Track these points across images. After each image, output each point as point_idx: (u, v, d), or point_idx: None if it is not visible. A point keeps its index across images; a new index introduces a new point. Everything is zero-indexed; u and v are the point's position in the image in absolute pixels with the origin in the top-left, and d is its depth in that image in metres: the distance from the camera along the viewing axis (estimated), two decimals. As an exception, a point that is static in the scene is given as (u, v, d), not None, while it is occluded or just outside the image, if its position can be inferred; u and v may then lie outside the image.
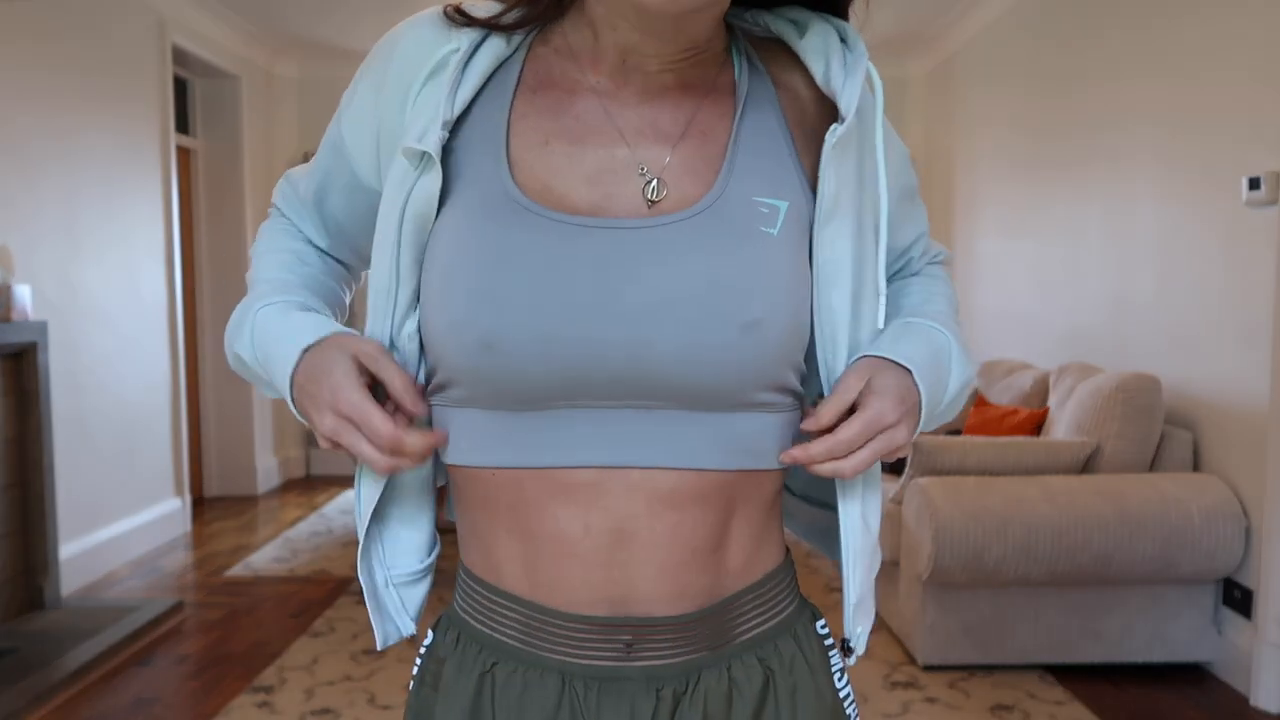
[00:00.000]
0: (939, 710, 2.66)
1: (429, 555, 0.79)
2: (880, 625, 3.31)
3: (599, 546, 0.67)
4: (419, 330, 0.70)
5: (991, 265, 4.93)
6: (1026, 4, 4.46)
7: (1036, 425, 3.44)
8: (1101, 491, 2.78)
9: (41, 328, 3.35)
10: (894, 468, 3.79)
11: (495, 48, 0.70)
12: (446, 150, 0.68)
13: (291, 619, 3.46)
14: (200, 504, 5.34)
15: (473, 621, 0.73)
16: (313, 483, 6.01)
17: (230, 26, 5.24)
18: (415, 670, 0.78)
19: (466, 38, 0.69)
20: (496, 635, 0.71)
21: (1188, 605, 2.85)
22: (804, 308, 0.69)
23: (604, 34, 0.69)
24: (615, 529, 0.67)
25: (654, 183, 0.67)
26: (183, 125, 5.22)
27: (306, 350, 0.70)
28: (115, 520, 4.18)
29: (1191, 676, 2.89)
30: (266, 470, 5.75)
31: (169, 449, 4.67)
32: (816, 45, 0.72)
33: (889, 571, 3.19)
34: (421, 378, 0.72)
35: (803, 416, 0.71)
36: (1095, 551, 2.72)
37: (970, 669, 2.93)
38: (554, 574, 0.68)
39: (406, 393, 0.67)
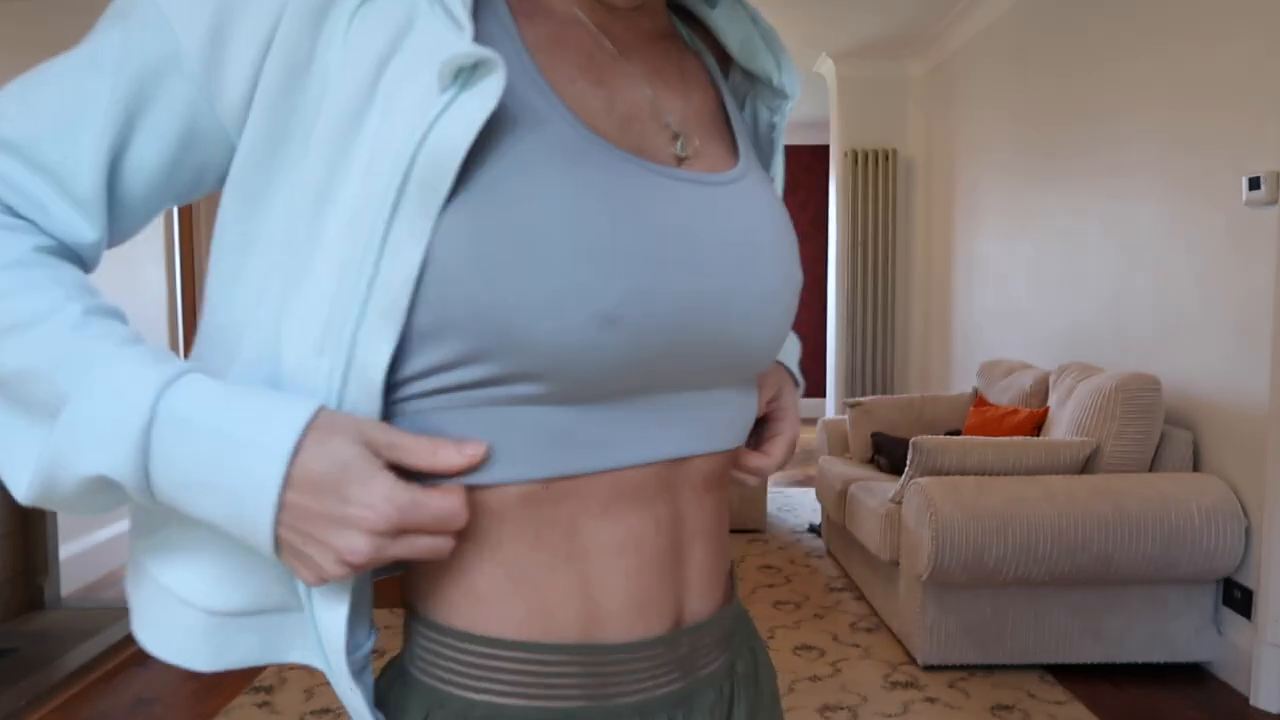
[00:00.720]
0: (939, 710, 2.66)
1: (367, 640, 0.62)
2: (880, 625, 3.32)
3: (666, 548, 0.60)
4: (434, 319, 0.51)
5: (991, 265, 4.93)
6: (1026, 4, 4.46)
7: (1036, 425, 3.44)
8: (1101, 491, 2.78)
9: (41, 328, 3.35)
10: (894, 468, 3.79)
11: None
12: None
13: (291, 619, 3.46)
14: (200, 504, 5.34)
15: (485, 699, 0.56)
16: (313, 482, 6.00)
17: (230, 26, 5.24)
18: None
19: None
20: (553, 706, 0.56)
21: (1188, 605, 2.85)
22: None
23: None
24: (677, 526, 0.60)
25: (682, 138, 0.60)
26: (183, 125, 5.22)
27: (294, 454, 0.48)
28: (115, 520, 4.18)
29: (1191, 676, 2.89)
30: (266, 470, 5.75)
31: (169, 449, 4.67)
32: (732, 18, 0.68)
33: (889, 571, 3.19)
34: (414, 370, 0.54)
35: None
36: (1095, 551, 2.72)
37: (970, 669, 2.93)
38: (623, 597, 0.58)
39: (447, 459, 0.52)
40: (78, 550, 3.86)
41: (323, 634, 0.55)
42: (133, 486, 0.49)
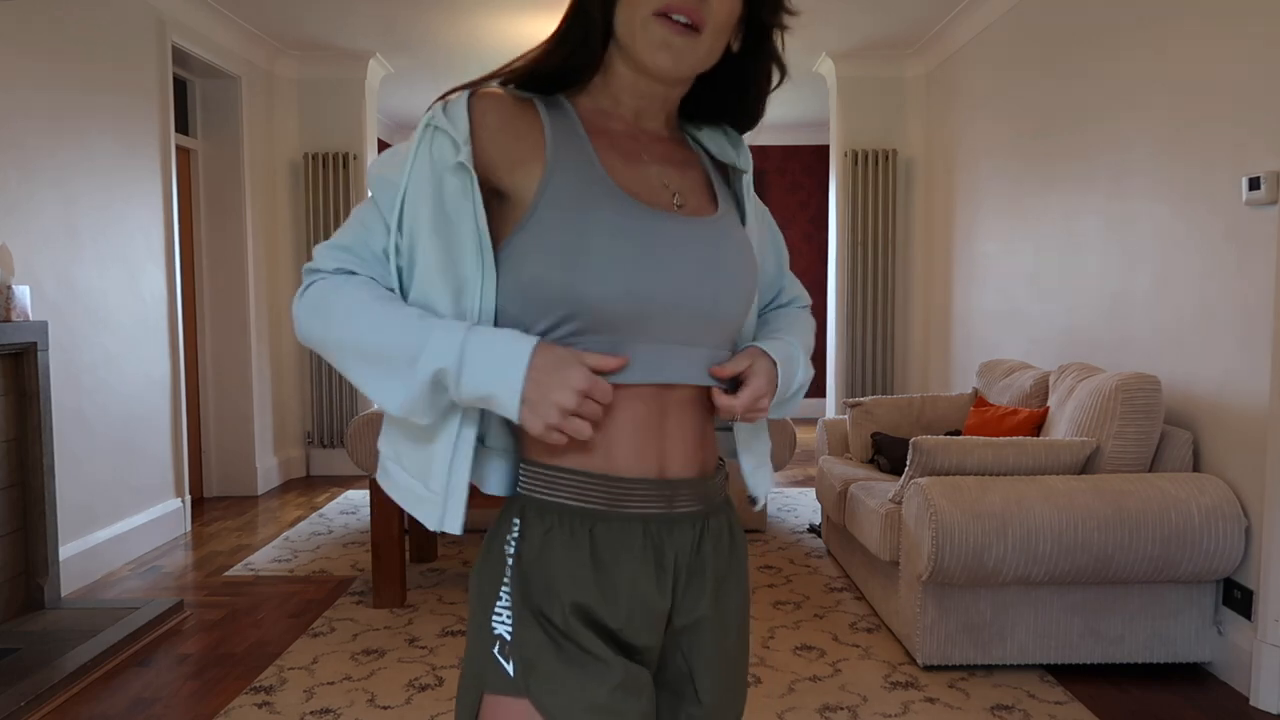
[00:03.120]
0: (939, 710, 2.66)
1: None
2: (880, 625, 3.31)
3: (655, 430, 1.00)
4: (519, 293, 0.97)
5: (991, 265, 4.93)
6: (1025, 4, 4.46)
7: (1036, 425, 3.44)
8: (1101, 491, 2.78)
9: (41, 328, 3.35)
10: (894, 468, 3.79)
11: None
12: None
13: (291, 619, 3.46)
14: (200, 504, 5.34)
15: (564, 500, 0.99)
16: (313, 483, 6.01)
17: (230, 26, 5.24)
18: (511, 549, 0.99)
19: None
20: (589, 505, 0.99)
21: (1188, 605, 2.85)
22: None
23: (623, 100, 1.05)
24: (661, 417, 1.01)
25: (677, 195, 1.03)
26: (183, 125, 5.22)
27: (535, 350, 0.92)
28: (115, 520, 4.18)
29: (1191, 676, 2.89)
30: (266, 470, 5.75)
31: (169, 449, 4.67)
32: (710, 136, 1.12)
33: (889, 571, 3.19)
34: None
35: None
36: (1095, 551, 2.71)
37: (970, 669, 2.93)
38: (628, 448, 0.99)
39: (609, 363, 0.95)
40: (78, 550, 3.86)
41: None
42: (452, 383, 0.92)
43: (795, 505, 5.17)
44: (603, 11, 0.99)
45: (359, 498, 5.45)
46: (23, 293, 3.31)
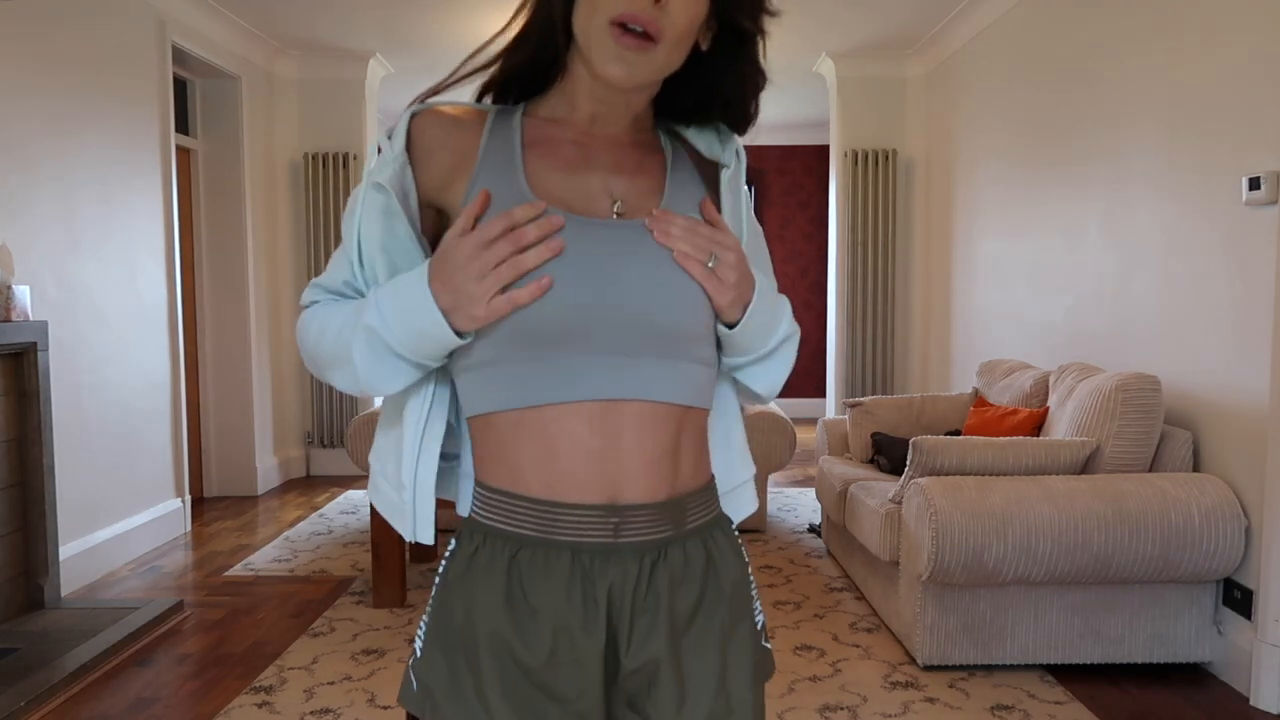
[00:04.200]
0: (939, 710, 2.66)
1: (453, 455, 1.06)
2: (880, 625, 3.31)
3: (600, 449, 0.93)
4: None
5: (991, 265, 4.93)
6: (1026, 4, 4.46)
7: (1036, 425, 3.44)
8: (1101, 491, 2.78)
9: (41, 328, 3.35)
10: (894, 468, 3.79)
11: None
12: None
13: (291, 619, 3.46)
14: (200, 504, 5.34)
15: (497, 524, 0.96)
16: (313, 483, 6.01)
17: (230, 26, 5.24)
18: (441, 571, 0.99)
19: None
20: (518, 530, 0.95)
21: (1188, 605, 2.85)
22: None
23: (580, 105, 1.01)
24: (612, 438, 0.94)
25: (618, 202, 0.98)
26: (183, 125, 5.22)
27: (429, 265, 0.91)
28: (115, 520, 4.18)
29: (1191, 676, 2.89)
30: (266, 470, 5.75)
31: (169, 449, 4.67)
32: (698, 134, 1.07)
33: (889, 571, 3.19)
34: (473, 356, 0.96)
35: None
36: (1095, 551, 2.72)
37: (970, 669, 2.93)
38: (567, 472, 0.93)
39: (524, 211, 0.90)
40: (78, 550, 3.86)
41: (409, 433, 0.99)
42: (376, 322, 0.92)
43: (795, 505, 5.17)
44: (563, 13, 0.96)
45: (359, 498, 5.45)
46: (23, 293, 3.31)
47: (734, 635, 0.99)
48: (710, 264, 0.94)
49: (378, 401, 6.26)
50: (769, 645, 1.08)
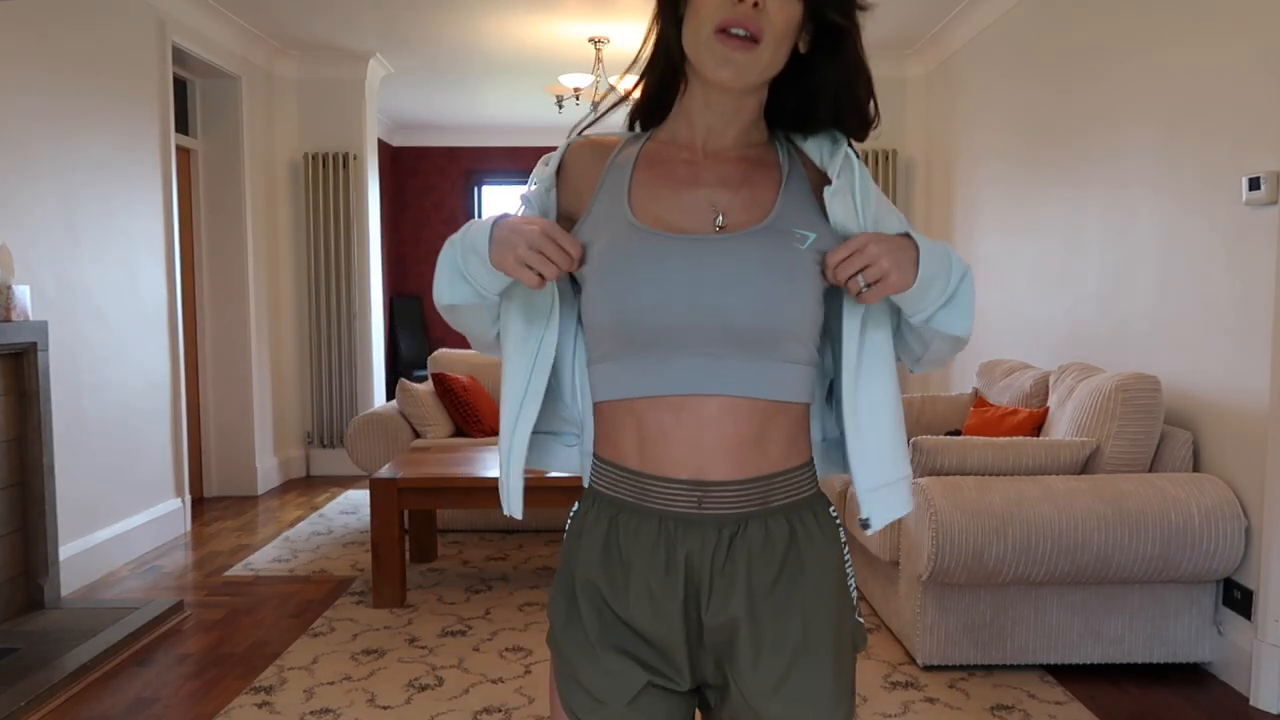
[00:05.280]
0: (939, 710, 2.66)
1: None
2: (880, 625, 3.31)
3: (686, 435, 1.05)
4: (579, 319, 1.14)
5: (991, 265, 4.93)
6: (1025, 4, 4.46)
7: (1036, 425, 3.44)
8: (1101, 491, 2.78)
9: (41, 328, 3.35)
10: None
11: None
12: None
13: (291, 619, 3.46)
14: (200, 504, 5.34)
15: (603, 490, 1.11)
16: (313, 483, 6.01)
17: (230, 26, 5.24)
18: (568, 525, 1.14)
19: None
20: (619, 496, 1.09)
21: (1188, 605, 2.85)
22: (814, 298, 1.06)
23: (696, 121, 1.11)
24: (696, 427, 1.05)
25: (720, 216, 1.07)
26: (183, 125, 5.22)
27: (500, 219, 1.06)
28: (115, 520, 4.18)
29: (1191, 676, 2.89)
30: (266, 470, 5.75)
31: (169, 449, 4.67)
32: (814, 144, 1.14)
33: (889, 571, 3.19)
34: (581, 350, 1.14)
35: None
36: (1095, 551, 2.71)
37: (970, 669, 2.93)
38: (659, 452, 1.06)
39: (572, 245, 1.04)
40: (78, 550, 3.86)
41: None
42: (459, 250, 1.09)
43: (795, 505, 5.16)
44: (676, 33, 1.07)
45: (359, 498, 5.44)
46: (23, 293, 3.31)
47: (818, 608, 1.07)
48: (864, 286, 1.01)
49: (377, 402, 6.26)
50: (861, 620, 1.16)
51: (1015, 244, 4.61)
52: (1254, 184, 2.72)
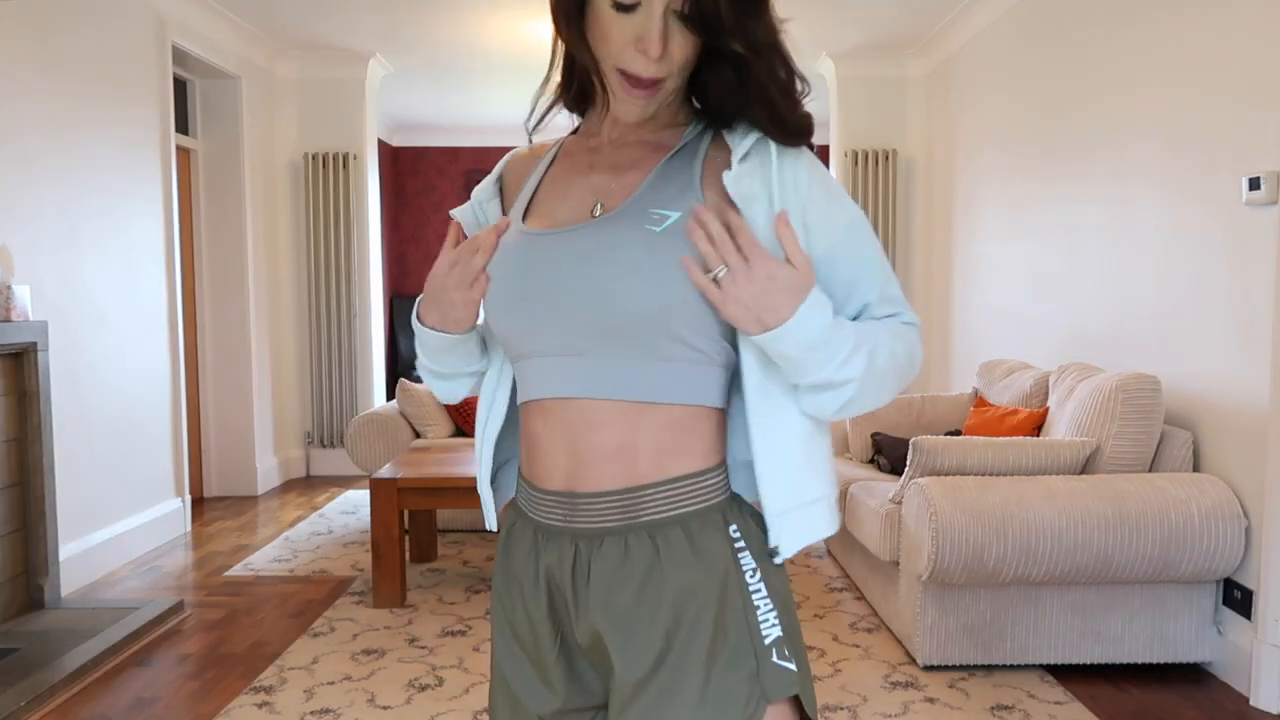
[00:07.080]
0: (939, 710, 2.66)
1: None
2: (880, 625, 3.31)
3: (557, 442, 1.01)
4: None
5: (991, 265, 4.93)
6: (1026, 4, 4.46)
7: (1036, 425, 3.44)
8: (1101, 491, 2.78)
9: (41, 328, 3.35)
10: (894, 468, 3.79)
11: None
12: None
13: (291, 619, 3.46)
14: (200, 504, 5.34)
15: (517, 499, 1.11)
16: (313, 483, 6.01)
17: (230, 26, 5.24)
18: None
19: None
20: (519, 505, 1.09)
21: (1188, 605, 2.85)
22: (677, 286, 0.93)
23: (608, 111, 1.05)
24: (568, 433, 1.00)
25: (597, 204, 1.01)
26: (183, 125, 5.22)
27: (416, 308, 1.09)
28: (115, 520, 4.18)
29: (1191, 676, 2.89)
30: (266, 470, 5.75)
31: (169, 449, 4.67)
32: (737, 136, 1.01)
33: (889, 571, 3.19)
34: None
35: None
36: (1095, 551, 2.71)
37: (970, 669, 2.93)
38: (538, 462, 1.04)
39: (487, 234, 0.99)
40: (78, 550, 3.86)
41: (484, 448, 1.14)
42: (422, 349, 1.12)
43: (795, 505, 5.16)
44: (581, 40, 0.99)
45: (359, 498, 5.45)
46: (23, 293, 3.31)
47: (688, 645, 0.95)
48: (719, 274, 0.89)
49: (377, 402, 6.26)
50: (786, 664, 0.95)
51: (1015, 243, 4.61)
52: (1254, 184, 2.72)
